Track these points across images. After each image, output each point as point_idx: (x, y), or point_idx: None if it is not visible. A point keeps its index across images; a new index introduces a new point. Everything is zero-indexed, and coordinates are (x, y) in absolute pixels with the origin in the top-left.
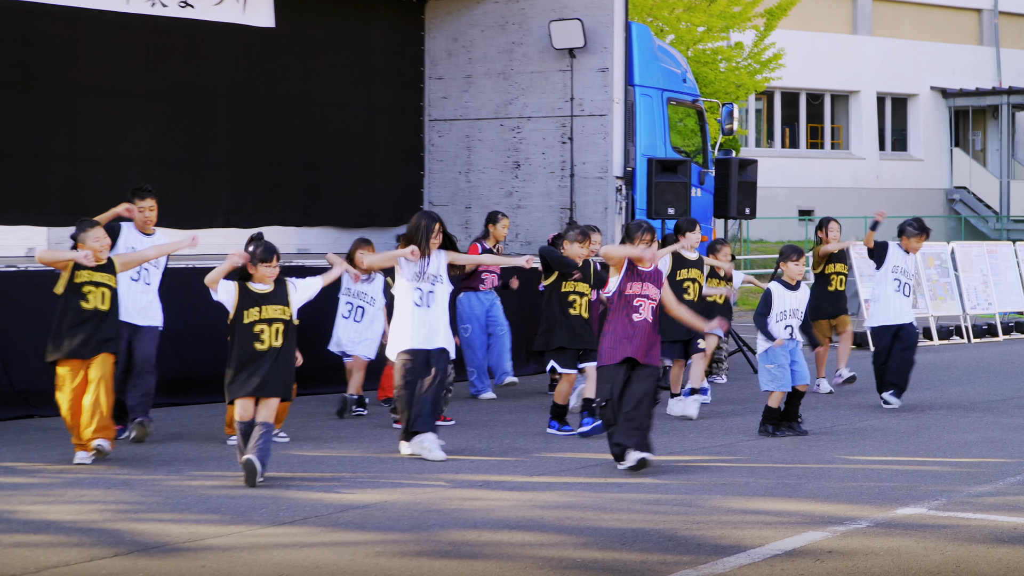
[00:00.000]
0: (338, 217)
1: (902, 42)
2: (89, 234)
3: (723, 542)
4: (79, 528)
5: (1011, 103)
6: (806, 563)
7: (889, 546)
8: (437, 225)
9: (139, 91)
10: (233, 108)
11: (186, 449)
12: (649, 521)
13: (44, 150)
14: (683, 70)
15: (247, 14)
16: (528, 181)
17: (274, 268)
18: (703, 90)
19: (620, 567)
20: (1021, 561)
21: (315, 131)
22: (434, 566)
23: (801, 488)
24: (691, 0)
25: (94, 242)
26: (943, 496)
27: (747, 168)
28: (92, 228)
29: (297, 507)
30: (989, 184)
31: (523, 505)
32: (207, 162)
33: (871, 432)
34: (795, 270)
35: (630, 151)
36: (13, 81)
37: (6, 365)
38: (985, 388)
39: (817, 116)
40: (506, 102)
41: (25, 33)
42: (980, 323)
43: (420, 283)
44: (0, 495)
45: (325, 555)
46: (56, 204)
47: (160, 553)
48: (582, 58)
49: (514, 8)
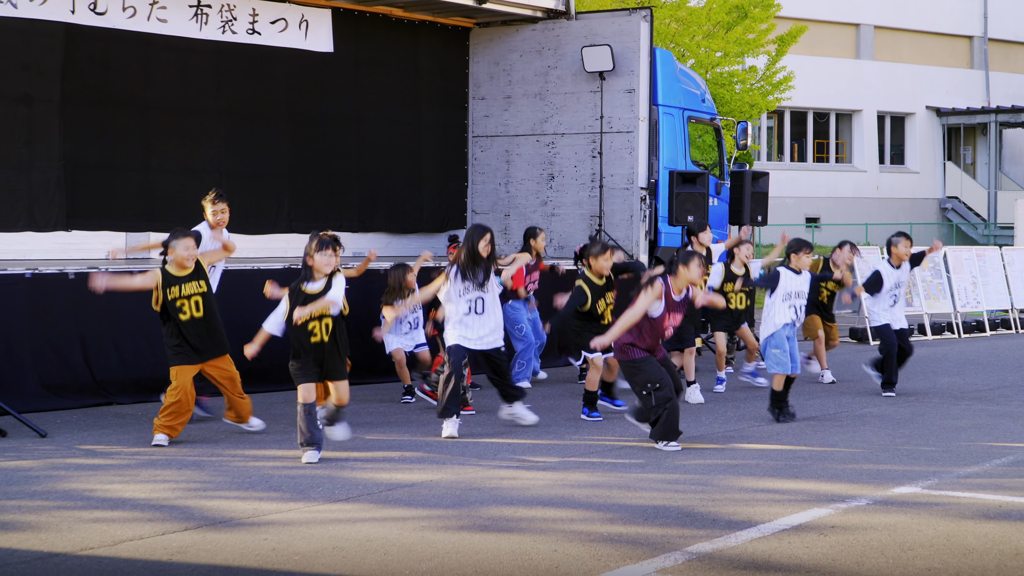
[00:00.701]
0: (389, 224)
1: (900, 66)
2: (180, 242)
3: (735, 518)
4: (152, 505)
5: (999, 121)
6: (811, 537)
7: (886, 522)
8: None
9: (208, 109)
10: (293, 124)
11: (250, 433)
12: (668, 499)
13: (121, 162)
14: (702, 91)
15: (308, 40)
16: (561, 191)
17: (329, 256)
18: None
19: (642, 540)
20: (1006, 535)
21: (368, 145)
22: (474, 539)
23: (806, 469)
24: (710, 28)
25: (183, 250)
26: (935, 476)
27: (759, 180)
28: (184, 237)
29: (351, 486)
30: (978, 194)
31: (555, 484)
32: (270, 173)
33: (870, 418)
34: (804, 261)
35: (654, 164)
36: (94, 100)
37: (87, 358)
38: (974, 379)
39: (823, 133)
40: (542, 120)
41: (104, 57)
42: (969, 320)
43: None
44: (81, 475)
45: (375, 529)
46: (132, 211)
47: (226, 528)
48: (611, 80)
49: (550, 35)
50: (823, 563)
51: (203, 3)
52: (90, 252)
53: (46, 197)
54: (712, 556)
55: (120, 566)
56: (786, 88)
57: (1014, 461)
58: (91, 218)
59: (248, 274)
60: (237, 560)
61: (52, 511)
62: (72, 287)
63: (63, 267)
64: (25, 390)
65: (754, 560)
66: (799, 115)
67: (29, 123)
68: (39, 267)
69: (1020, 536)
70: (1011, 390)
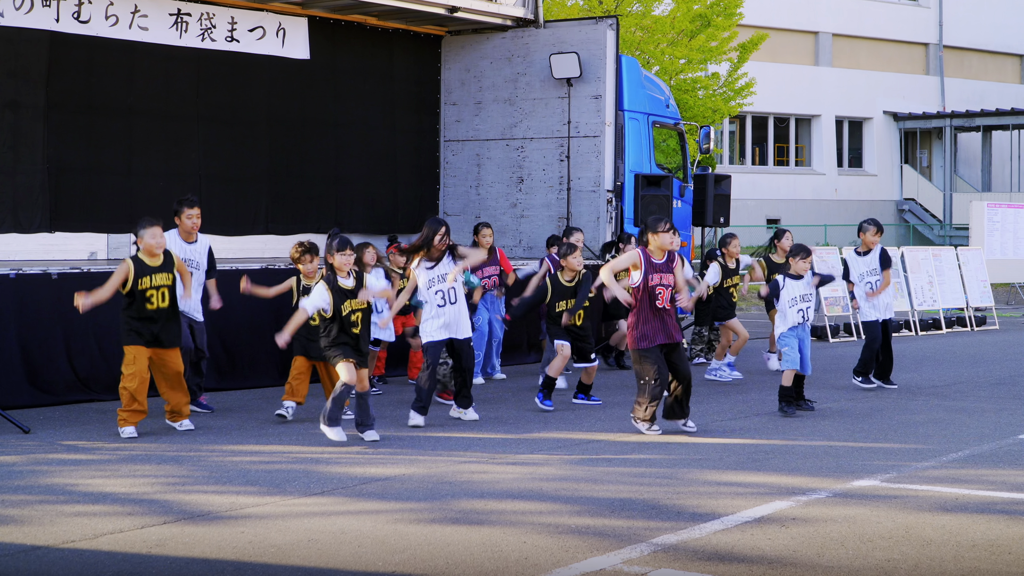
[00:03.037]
0: (365, 225)
1: (858, 72)
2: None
3: (700, 510)
4: (132, 499)
5: (953, 125)
6: (773, 529)
7: (846, 514)
8: (443, 229)
9: (188, 114)
10: (272, 129)
11: (228, 429)
12: (635, 492)
13: (104, 166)
14: (666, 97)
15: (285, 48)
16: (530, 194)
17: (348, 256)
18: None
19: (609, 532)
20: (963, 527)
21: (344, 150)
22: (446, 531)
23: (768, 463)
24: (674, 36)
25: (151, 239)
26: (894, 470)
27: (721, 183)
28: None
29: (325, 480)
30: (934, 196)
31: (524, 478)
32: (249, 177)
33: (830, 413)
34: (801, 265)
35: (619, 168)
36: (78, 105)
37: (70, 356)
38: (931, 375)
39: (783, 137)
40: (511, 125)
41: (88, 63)
42: (926, 318)
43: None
44: (63, 470)
45: (350, 522)
46: (114, 214)
47: (204, 521)
48: (578, 87)
49: (519, 43)
50: (785, 554)
51: (183, 12)
52: (73, 253)
53: (30, 200)
54: (677, 548)
55: (101, 559)
56: (748, 94)
57: (970, 455)
58: (74, 220)
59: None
60: (215, 553)
61: (34, 505)
62: (55, 287)
63: (47, 267)
64: (9, 387)
65: (718, 551)
66: (760, 120)
67: (14, 128)
68: (23, 267)
69: (976, 528)
70: (967, 386)
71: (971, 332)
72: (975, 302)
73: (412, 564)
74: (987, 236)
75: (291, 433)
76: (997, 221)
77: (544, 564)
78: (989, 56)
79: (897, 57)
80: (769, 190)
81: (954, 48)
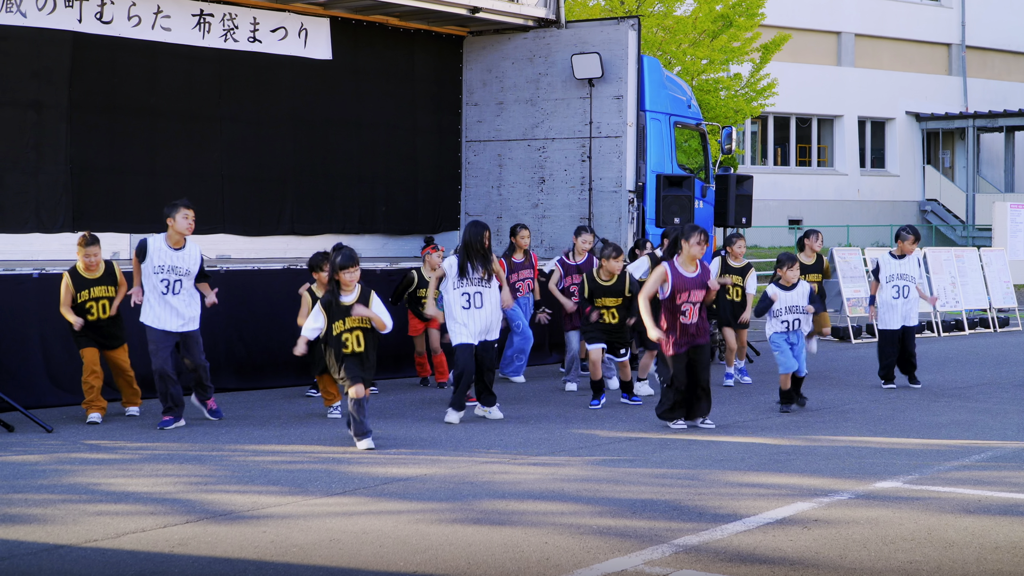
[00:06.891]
0: (387, 226)
1: (881, 72)
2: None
3: (721, 511)
4: (155, 498)
5: (976, 126)
6: (795, 530)
7: (868, 515)
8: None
9: (211, 114)
10: (295, 130)
11: (250, 428)
12: (656, 493)
13: (127, 166)
14: (688, 97)
15: (308, 48)
16: (552, 194)
17: (354, 273)
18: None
19: (630, 533)
20: (986, 529)
21: (366, 150)
22: (467, 532)
23: (790, 463)
24: (696, 36)
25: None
26: (916, 471)
27: (743, 183)
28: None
29: (347, 480)
30: (957, 197)
31: (546, 478)
32: (272, 177)
33: (853, 414)
34: (790, 275)
35: (641, 168)
36: (101, 106)
37: None
38: (953, 376)
39: (805, 137)
40: (533, 125)
41: (110, 63)
42: (949, 319)
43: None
44: (86, 470)
45: (371, 522)
46: (137, 214)
47: (226, 520)
48: (600, 87)
49: (541, 43)
50: (807, 556)
51: (206, 12)
52: None
53: (53, 200)
54: (699, 548)
55: (123, 558)
56: (770, 94)
57: (993, 456)
58: (97, 220)
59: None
60: (237, 552)
61: (57, 504)
62: None
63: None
64: (33, 386)
65: (739, 553)
66: (782, 120)
67: (37, 128)
68: (46, 267)
69: (999, 530)
70: (989, 387)
71: (994, 333)
72: (998, 303)
73: (433, 564)
74: (1010, 237)
75: (312, 433)
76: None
77: (565, 565)
78: (1012, 56)
79: (919, 57)
80: (791, 190)
81: (977, 48)
